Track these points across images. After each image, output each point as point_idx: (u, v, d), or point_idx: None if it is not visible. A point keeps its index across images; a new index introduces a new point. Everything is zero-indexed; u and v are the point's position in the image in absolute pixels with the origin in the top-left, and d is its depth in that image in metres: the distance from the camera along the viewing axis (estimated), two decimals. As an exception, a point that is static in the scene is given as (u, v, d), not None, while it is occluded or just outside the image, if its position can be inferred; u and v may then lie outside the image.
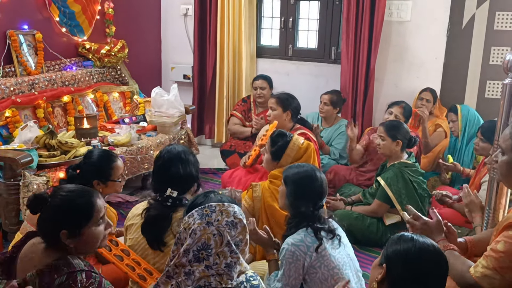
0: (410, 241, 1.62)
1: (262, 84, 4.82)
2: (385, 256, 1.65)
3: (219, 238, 1.60)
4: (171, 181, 2.32)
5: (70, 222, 1.73)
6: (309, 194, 2.30)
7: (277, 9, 5.36)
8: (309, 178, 2.34)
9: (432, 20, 4.66)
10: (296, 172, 2.39)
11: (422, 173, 3.54)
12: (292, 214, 2.35)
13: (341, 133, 4.60)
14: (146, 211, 2.30)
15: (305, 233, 2.22)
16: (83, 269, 1.71)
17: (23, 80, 3.91)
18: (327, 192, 2.40)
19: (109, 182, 2.61)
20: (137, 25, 5.41)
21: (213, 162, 5.19)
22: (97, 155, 2.66)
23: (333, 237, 2.25)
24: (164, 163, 2.38)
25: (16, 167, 3.07)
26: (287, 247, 2.18)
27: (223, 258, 1.60)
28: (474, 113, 4.15)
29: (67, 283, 1.64)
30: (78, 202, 1.77)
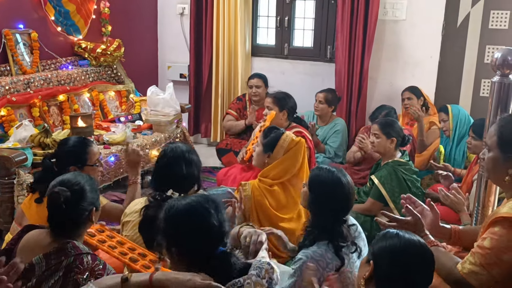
0: (395, 237, 1.63)
1: (257, 82, 4.83)
2: (371, 253, 1.66)
3: None
4: (174, 181, 2.31)
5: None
6: (334, 205, 2.18)
7: (272, 8, 5.37)
8: (337, 187, 2.19)
9: (427, 19, 4.67)
10: (324, 177, 2.23)
11: (416, 171, 3.55)
12: (312, 224, 2.24)
13: (336, 132, 4.62)
14: (145, 209, 2.29)
15: (326, 247, 2.13)
16: (89, 252, 1.83)
17: (18, 79, 3.91)
18: (353, 204, 2.26)
19: (85, 167, 2.61)
20: (133, 24, 5.42)
21: (209, 160, 5.19)
22: (72, 141, 2.69)
23: (355, 251, 2.18)
24: (168, 162, 2.37)
25: (10, 165, 3.08)
26: (305, 259, 2.10)
27: None
28: (465, 112, 4.18)
29: (74, 265, 1.76)
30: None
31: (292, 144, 3.01)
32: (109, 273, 1.81)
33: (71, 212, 1.86)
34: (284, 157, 2.95)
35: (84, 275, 1.75)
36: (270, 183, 2.83)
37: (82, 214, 1.90)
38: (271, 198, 2.81)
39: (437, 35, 4.69)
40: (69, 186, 1.88)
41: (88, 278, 1.74)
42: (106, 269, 1.82)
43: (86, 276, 1.75)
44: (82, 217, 1.90)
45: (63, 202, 1.83)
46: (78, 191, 1.89)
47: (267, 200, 2.79)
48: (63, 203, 1.83)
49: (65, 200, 1.84)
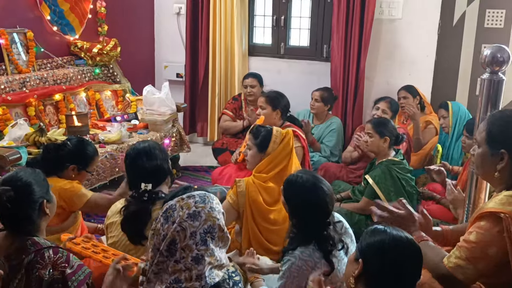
0: (383, 233, 1.63)
1: (252, 82, 4.83)
2: (360, 250, 1.65)
3: (182, 232, 1.60)
4: (141, 175, 2.36)
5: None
6: (311, 213, 2.17)
7: (269, 7, 5.37)
8: (312, 194, 2.18)
9: (423, 18, 4.67)
10: (298, 186, 2.23)
11: (410, 170, 3.55)
12: (295, 230, 2.22)
13: (332, 131, 4.61)
14: (125, 208, 2.33)
15: (313, 247, 2.14)
16: (50, 245, 1.81)
17: (14, 78, 3.92)
18: (332, 208, 2.22)
19: (83, 171, 2.74)
20: (130, 24, 5.43)
21: (205, 160, 5.21)
22: (86, 142, 2.82)
23: (342, 248, 2.18)
24: (131, 160, 2.44)
25: (4, 164, 3.08)
26: (294, 260, 2.11)
27: (189, 252, 1.60)
28: (465, 110, 4.17)
29: (35, 260, 1.75)
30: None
31: (282, 137, 3.02)
32: (74, 265, 1.81)
33: (19, 209, 1.85)
34: (276, 150, 2.95)
35: (46, 270, 1.75)
36: (264, 178, 2.83)
37: (33, 209, 1.89)
38: (266, 194, 2.82)
39: (433, 34, 4.69)
40: (11, 184, 1.86)
41: (52, 272, 1.75)
42: (70, 261, 1.81)
43: (49, 271, 1.75)
44: (33, 212, 1.89)
45: (7, 202, 1.82)
46: (21, 187, 1.87)
47: (262, 196, 2.80)
48: (7, 203, 1.82)
49: (9, 199, 1.82)
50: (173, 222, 1.62)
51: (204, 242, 1.61)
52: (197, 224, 1.61)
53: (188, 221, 1.61)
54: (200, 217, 1.62)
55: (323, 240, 2.16)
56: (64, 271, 1.77)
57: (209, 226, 1.63)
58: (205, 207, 1.65)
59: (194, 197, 1.67)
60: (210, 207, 1.66)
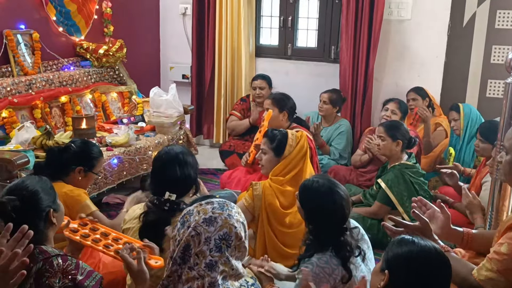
0: (411, 244, 1.58)
1: (261, 84, 4.78)
2: (386, 261, 1.61)
3: (197, 237, 1.56)
4: (169, 183, 2.27)
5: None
6: (327, 219, 2.12)
7: (276, 8, 5.32)
8: (328, 200, 2.13)
9: (433, 18, 4.62)
10: (313, 191, 2.19)
11: (423, 174, 3.50)
12: (311, 237, 2.18)
13: (341, 133, 4.56)
14: (144, 215, 2.26)
15: (330, 253, 2.09)
16: (58, 253, 1.77)
17: (20, 80, 3.87)
18: (349, 214, 2.17)
19: (90, 173, 2.70)
20: (136, 25, 5.37)
21: (211, 162, 5.15)
22: (90, 143, 2.78)
23: (359, 254, 2.13)
24: (162, 165, 2.33)
25: (12, 168, 3.03)
26: (311, 267, 2.05)
27: (203, 258, 1.55)
28: (476, 112, 4.12)
29: (44, 269, 1.71)
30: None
31: (298, 140, 3.01)
32: (84, 272, 1.76)
33: (25, 219, 1.77)
34: (292, 153, 2.92)
35: (56, 278, 1.70)
36: (281, 181, 2.79)
37: (39, 218, 1.84)
38: (283, 197, 2.79)
39: (443, 35, 4.64)
40: (17, 193, 1.82)
41: (62, 280, 1.71)
42: (80, 268, 1.76)
43: (59, 279, 1.71)
44: (40, 222, 1.84)
45: (12, 211, 1.77)
46: (27, 196, 1.82)
47: (278, 199, 2.76)
48: (11, 212, 1.77)
49: (14, 208, 1.78)
50: (188, 227, 1.58)
51: (219, 248, 1.57)
52: (212, 229, 1.57)
53: (203, 225, 1.57)
54: (216, 223, 1.58)
55: (340, 247, 2.11)
56: (75, 278, 1.74)
57: (224, 233, 1.58)
58: (223, 214, 1.60)
59: (212, 203, 1.64)
60: (228, 214, 1.61)
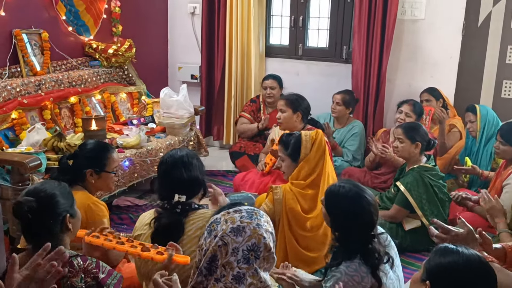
0: (455, 254, 1.51)
1: (272, 84, 4.72)
2: (428, 271, 1.54)
3: (224, 248, 1.50)
4: (176, 186, 2.21)
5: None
6: (355, 224, 2.05)
7: (286, 7, 5.24)
8: (356, 205, 2.06)
9: (447, 18, 4.55)
10: (341, 197, 2.10)
11: (442, 176, 3.43)
12: (339, 243, 2.11)
13: (354, 134, 4.50)
14: (156, 221, 2.19)
15: (359, 261, 2.02)
16: (77, 254, 1.77)
17: (29, 81, 3.80)
18: (377, 219, 2.10)
19: (103, 173, 2.55)
20: (144, 24, 5.30)
21: (221, 164, 5.08)
22: (93, 144, 2.65)
23: (387, 261, 2.06)
24: (167, 168, 2.28)
25: (25, 171, 2.96)
26: (340, 276, 1.99)
27: (230, 269, 1.48)
28: (493, 113, 4.04)
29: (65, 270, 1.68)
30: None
31: (313, 140, 2.93)
32: (104, 270, 1.77)
33: (41, 221, 1.78)
34: (310, 155, 2.85)
35: (78, 278, 1.70)
36: (302, 185, 2.72)
37: (55, 222, 1.82)
38: (304, 201, 2.72)
39: (457, 35, 4.57)
40: (34, 195, 1.81)
41: (84, 279, 1.71)
42: (101, 266, 1.76)
43: (81, 278, 1.70)
44: (55, 226, 1.82)
45: (28, 212, 1.76)
46: (44, 198, 1.81)
47: (300, 204, 2.70)
48: (27, 213, 1.76)
49: (30, 209, 1.77)
50: (215, 236, 1.52)
51: (247, 260, 1.50)
52: (240, 239, 1.50)
53: (231, 235, 1.50)
54: (244, 233, 1.51)
55: (369, 254, 2.04)
56: (97, 276, 1.74)
57: (253, 243, 1.51)
58: (251, 223, 1.54)
59: (240, 212, 1.57)
60: (256, 224, 1.54)
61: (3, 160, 3.04)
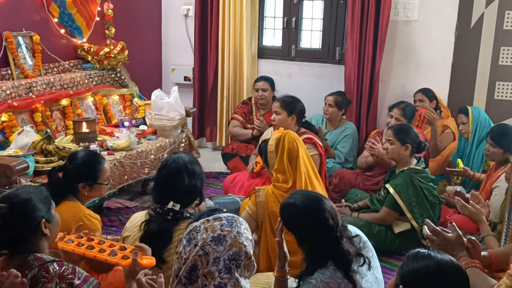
0: (427, 258, 1.51)
1: (264, 85, 4.70)
2: (401, 276, 1.53)
3: (205, 257, 1.48)
4: (175, 193, 2.18)
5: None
6: (316, 232, 1.99)
7: (279, 8, 5.24)
8: (307, 213, 2.02)
9: (440, 19, 4.54)
10: (290, 209, 2.06)
11: (433, 179, 3.42)
12: (308, 254, 2.04)
13: (346, 136, 4.48)
14: (146, 224, 2.18)
15: (333, 267, 1.96)
16: (54, 259, 1.75)
17: (20, 83, 3.80)
18: (336, 218, 2.03)
19: (95, 185, 2.52)
20: (137, 26, 5.30)
21: (214, 165, 5.07)
22: (84, 156, 2.59)
23: (363, 263, 2.02)
24: (170, 173, 2.22)
25: (11, 174, 2.95)
26: (315, 283, 1.93)
27: (211, 279, 1.47)
28: (485, 115, 4.02)
29: (40, 275, 1.68)
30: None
31: (276, 142, 2.84)
32: (81, 276, 1.73)
33: (14, 228, 1.75)
34: (277, 159, 2.80)
35: (53, 283, 1.67)
36: (285, 188, 2.69)
37: (29, 228, 1.79)
38: None
39: (450, 36, 4.55)
40: (7, 201, 1.78)
41: (59, 285, 1.68)
42: (77, 272, 1.73)
43: (56, 284, 1.67)
44: (30, 231, 1.79)
45: None
46: (17, 204, 1.78)
47: None
48: None
49: (1, 216, 1.73)
50: (195, 245, 1.51)
51: (228, 270, 1.49)
52: (221, 249, 1.49)
53: (211, 245, 1.49)
54: (225, 242, 1.50)
55: (340, 257, 1.99)
56: (72, 283, 1.71)
57: (234, 252, 1.51)
58: (232, 231, 1.53)
59: (220, 220, 1.56)
60: (237, 232, 1.54)
61: (-10, 163, 3.03)
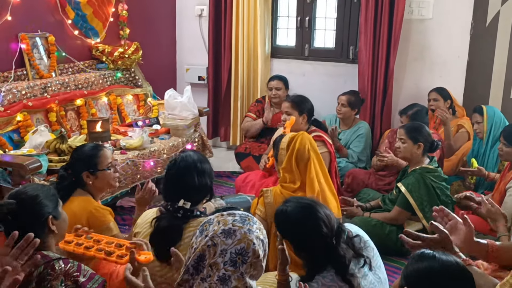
0: (432, 259, 1.49)
1: (278, 84, 4.71)
2: (405, 277, 1.52)
3: (213, 248, 1.50)
4: (185, 191, 2.19)
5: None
6: (312, 239, 1.98)
7: (293, 8, 5.23)
8: (301, 221, 2.00)
9: (455, 18, 4.48)
10: (284, 220, 2.05)
11: (445, 178, 3.37)
12: (306, 261, 2.04)
13: (360, 136, 4.46)
14: (156, 221, 2.20)
15: (333, 272, 1.96)
16: (60, 257, 1.78)
17: (35, 84, 3.85)
18: (330, 224, 2.01)
19: (98, 172, 2.57)
20: (152, 27, 5.34)
21: (228, 165, 5.09)
22: (82, 147, 2.71)
23: (364, 263, 2.01)
24: (179, 172, 2.24)
25: (24, 172, 3.00)
26: (317, 286, 1.94)
27: (216, 270, 1.49)
28: (500, 115, 3.96)
29: (46, 272, 1.71)
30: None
31: (287, 143, 2.83)
32: (86, 274, 1.77)
33: (22, 224, 1.78)
34: (286, 158, 2.79)
35: (58, 280, 1.70)
36: (293, 188, 2.69)
37: (36, 224, 1.83)
38: None
39: (465, 34, 4.50)
40: (16, 197, 1.84)
41: (64, 282, 1.71)
42: (82, 270, 1.77)
43: (61, 281, 1.71)
44: (37, 228, 1.81)
45: (8, 214, 1.79)
46: (25, 200, 1.83)
47: None
48: (7, 215, 1.79)
49: (10, 211, 1.79)
50: (206, 236, 1.53)
51: (234, 263, 1.50)
52: (230, 242, 1.51)
53: (221, 237, 1.51)
54: (234, 236, 1.51)
55: (338, 262, 1.98)
56: (77, 280, 1.74)
57: (242, 247, 1.51)
58: (243, 228, 1.54)
59: (234, 215, 1.58)
60: (248, 229, 1.54)
61: (4, 162, 3.08)
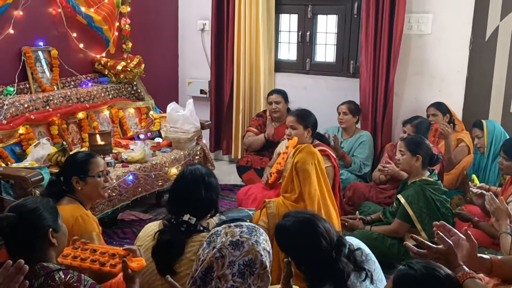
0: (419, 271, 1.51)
1: (277, 98, 4.73)
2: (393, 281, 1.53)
3: (221, 260, 1.51)
4: (191, 205, 2.18)
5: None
6: (312, 254, 1.93)
7: (294, 23, 5.29)
8: (300, 237, 1.95)
9: (454, 33, 4.53)
10: (283, 233, 2.00)
11: (445, 191, 3.38)
12: (307, 275, 1.98)
13: (362, 143, 4.52)
14: (159, 234, 2.19)
15: (333, 287, 1.93)
16: (60, 268, 1.79)
17: (37, 97, 3.89)
18: (330, 239, 1.96)
19: (88, 178, 2.56)
20: (154, 41, 5.40)
21: (229, 178, 5.11)
22: (75, 154, 2.73)
23: (365, 278, 1.98)
24: (187, 185, 2.23)
25: (27, 185, 3.02)
26: None
27: (224, 282, 1.49)
28: (500, 129, 3.98)
29: (46, 283, 1.72)
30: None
31: (294, 151, 2.86)
32: (86, 284, 1.76)
33: (22, 236, 1.80)
34: (289, 169, 2.82)
35: None
36: (294, 198, 2.70)
37: (36, 237, 1.83)
38: None
39: (465, 49, 4.53)
40: (16, 210, 1.84)
41: None
42: (82, 280, 1.77)
43: None
44: (38, 240, 1.83)
45: (7, 227, 1.79)
46: (25, 213, 1.83)
47: None
48: (6, 227, 1.79)
49: (10, 224, 1.79)
50: (213, 248, 1.55)
51: (242, 275, 1.52)
52: (238, 253, 1.52)
53: (229, 248, 1.53)
54: (242, 247, 1.53)
55: (337, 277, 1.94)
56: None
57: (250, 259, 1.53)
58: (250, 239, 1.56)
59: (241, 227, 1.61)
60: (255, 240, 1.56)
61: (6, 175, 3.10)
